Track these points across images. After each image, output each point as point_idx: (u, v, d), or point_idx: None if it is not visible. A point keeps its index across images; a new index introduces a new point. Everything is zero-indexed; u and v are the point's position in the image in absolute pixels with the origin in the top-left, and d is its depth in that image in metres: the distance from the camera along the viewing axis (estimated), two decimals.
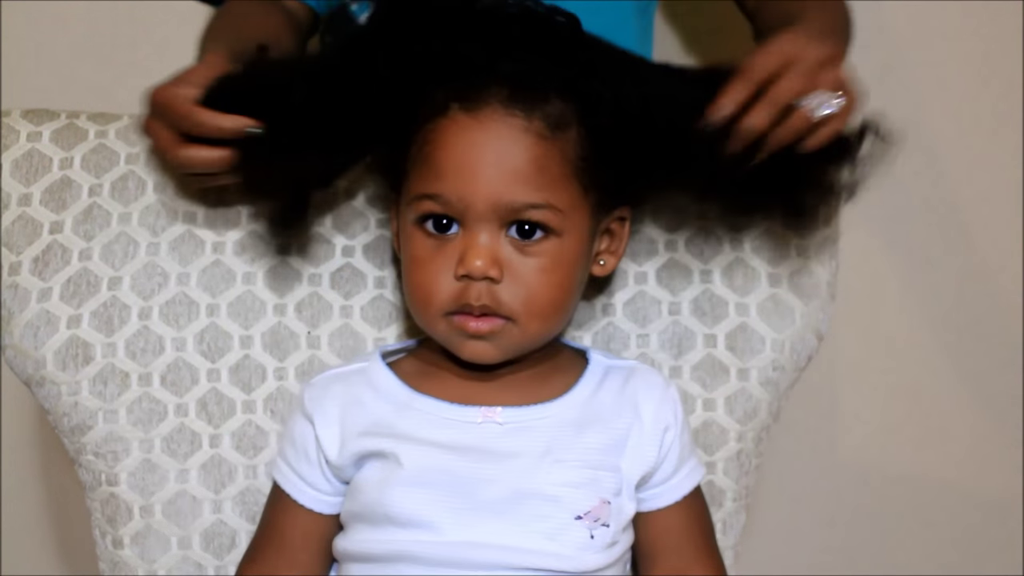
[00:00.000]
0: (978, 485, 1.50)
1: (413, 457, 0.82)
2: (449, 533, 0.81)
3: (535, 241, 0.82)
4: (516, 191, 0.81)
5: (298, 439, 0.87)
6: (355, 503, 0.85)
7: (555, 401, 0.86)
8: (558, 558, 0.81)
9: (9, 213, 0.96)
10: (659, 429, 0.86)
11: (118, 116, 1.01)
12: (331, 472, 0.86)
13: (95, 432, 0.94)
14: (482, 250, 0.81)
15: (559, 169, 0.82)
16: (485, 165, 0.81)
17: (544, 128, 0.81)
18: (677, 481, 0.88)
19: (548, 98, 0.81)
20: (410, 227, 0.85)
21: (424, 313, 0.85)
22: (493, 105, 0.81)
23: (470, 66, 0.82)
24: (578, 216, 0.83)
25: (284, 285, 0.96)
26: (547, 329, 0.86)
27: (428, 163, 0.83)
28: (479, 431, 0.84)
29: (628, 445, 0.85)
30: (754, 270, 0.97)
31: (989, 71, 1.41)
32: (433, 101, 0.83)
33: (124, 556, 0.94)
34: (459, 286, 0.82)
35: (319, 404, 0.87)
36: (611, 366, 0.89)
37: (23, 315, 0.94)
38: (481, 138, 0.81)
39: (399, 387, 0.87)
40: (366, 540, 0.84)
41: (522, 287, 0.82)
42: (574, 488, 0.82)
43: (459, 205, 0.81)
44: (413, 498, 0.81)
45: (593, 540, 0.82)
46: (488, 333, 0.83)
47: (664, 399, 0.87)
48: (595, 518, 0.82)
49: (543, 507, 0.82)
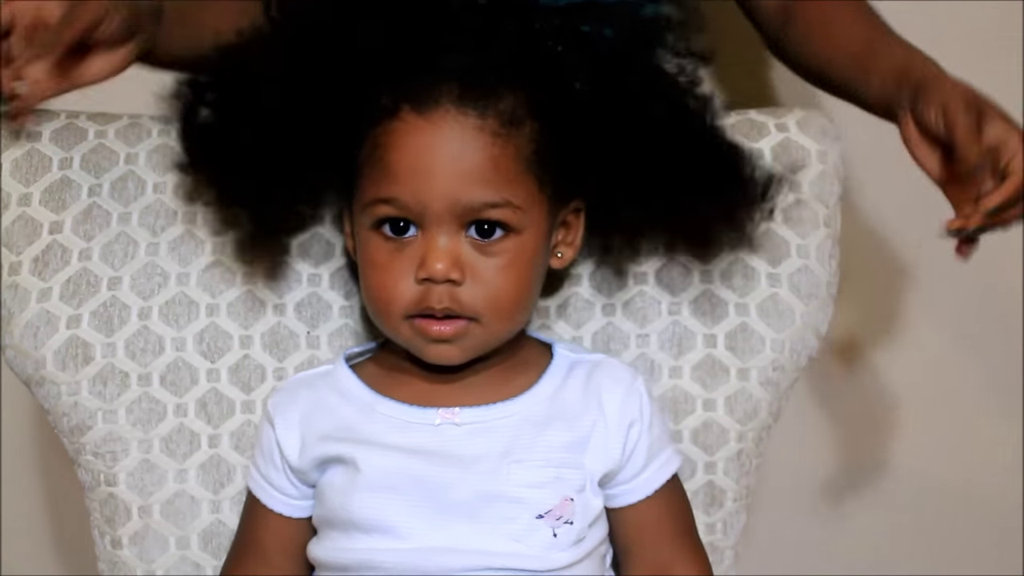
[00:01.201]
0: (978, 485, 1.50)
1: (372, 462, 0.82)
2: (415, 539, 0.81)
3: (495, 240, 0.82)
4: (473, 191, 0.80)
5: (264, 444, 0.88)
6: (322, 508, 0.85)
7: (517, 399, 0.85)
8: (524, 558, 0.81)
9: (9, 213, 0.96)
10: (624, 425, 0.85)
11: (118, 116, 1.01)
12: (295, 477, 0.86)
13: (94, 432, 0.94)
14: (442, 253, 0.80)
15: (515, 165, 0.81)
16: (440, 166, 0.79)
17: (498, 125, 0.80)
18: (648, 475, 0.87)
19: (500, 93, 0.80)
20: (365, 232, 0.84)
21: (385, 318, 0.84)
22: (445, 105, 0.79)
23: (416, 61, 0.80)
24: (536, 211, 0.83)
25: (284, 285, 0.96)
26: (510, 327, 0.85)
27: (381, 167, 0.81)
28: (438, 433, 0.83)
29: (591, 442, 0.84)
30: (754, 270, 0.97)
31: (990, 71, 1.41)
32: (381, 102, 0.81)
33: (123, 556, 0.94)
34: (420, 289, 0.81)
35: (281, 409, 0.87)
36: (577, 360, 0.89)
37: (23, 315, 0.94)
38: (435, 140, 0.79)
39: (362, 390, 0.86)
40: (335, 548, 0.84)
41: (484, 287, 0.82)
42: (536, 488, 0.82)
43: (416, 208, 0.80)
44: (374, 503, 0.81)
45: (557, 538, 0.81)
46: (452, 335, 0.82)
47: (630, 393, 0.86)
48: (557, 516, 0.82)
49: (507, 509, 0.81)
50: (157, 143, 0.98)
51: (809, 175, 0.98)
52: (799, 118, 1.00)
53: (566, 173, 0.84)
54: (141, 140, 0.98)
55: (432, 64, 0.80)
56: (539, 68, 0.82)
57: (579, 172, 0.85)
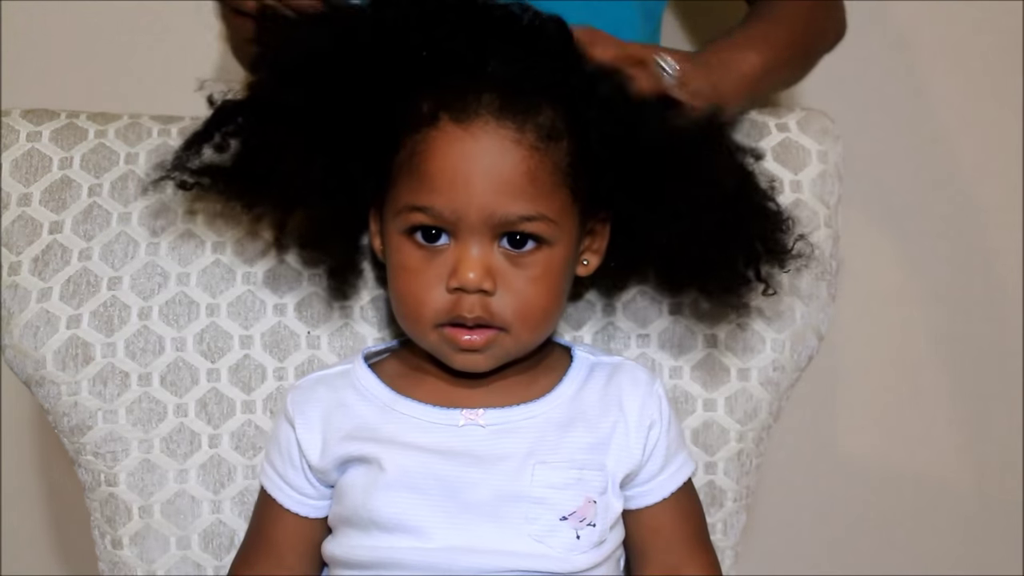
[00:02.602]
0: (978, 485, 1.50)
1: (396, 461, 0.82)
2: (436, 538, 0.81)
3: (527, 252, 0.82)
4: (509, 203, 0.80)
5: (282, 443, 0.87)
6: (342, 507, 0.85)
7: (539, 401, 0.85)
8: (546, 559, 0.81)
9: (9, 213, 0.96)
10: (644, 426, 0.86)
11: (118, 116, 1.01)
12: (314, 476, 0.86)
13: (95, 432, 0.94)
14: (475, 262, 0.80)
15: (551, 179, 0.81)
16: (478, 177, 0.80)
17: (536, 139, 0.80)
18: (665, 477, 0.87)
19: (540, 107, 0.81)
20: (397, 236, 0.84)
21: (414, 324, 0.84)
22: (484, 116, 0.80)
23: (459, 66, 0.81)
24: (568, 223, 0.83)
25: (284, 285, 0.96)
26: (538, 336, 0.86)
27: (418, 174, 0.81)
28: (462, 434, 0.83)
29: (613, 443, 0.85)
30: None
31: (990, 71, 1.41)
32: (421, 110, 0.81)
33: (123, 556, 0.94)
34: (451, 298, 0.82)
35: (301, 408, 0.87)
36: (596, 363, 0.89)
37: (23, 315, 0.94)
38: (473, 150, 0.80)
39: (382, 390, 0.86)
40: (354, 546, 0.84)
41: (514, 297, 0.82)
42: (559, 489, 0.82)
43: (451, 218, 0.80)
44: (397, 502, 0.81)
45: (579, 540, 0.82)
46: (482, 345, 0.83)
47: (649, 395, 0.87)
48: (581, 518, 0.82)
49: (530, 509, 0.81)
50: (157, 143, 0.98)
51: (809, 175, 0.98)
52: (799, 118, 1.00)
53: (598, 186, 0.85)
54: (141, 140, 0.99)
55: (474, 73, 0.81)
56: (579, 83, 0.83)
57: (611, 185, 0.85)
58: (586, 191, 0.84)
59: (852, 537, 1.52)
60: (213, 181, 0.89)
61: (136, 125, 1.00)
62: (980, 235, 1.44)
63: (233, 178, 0.88)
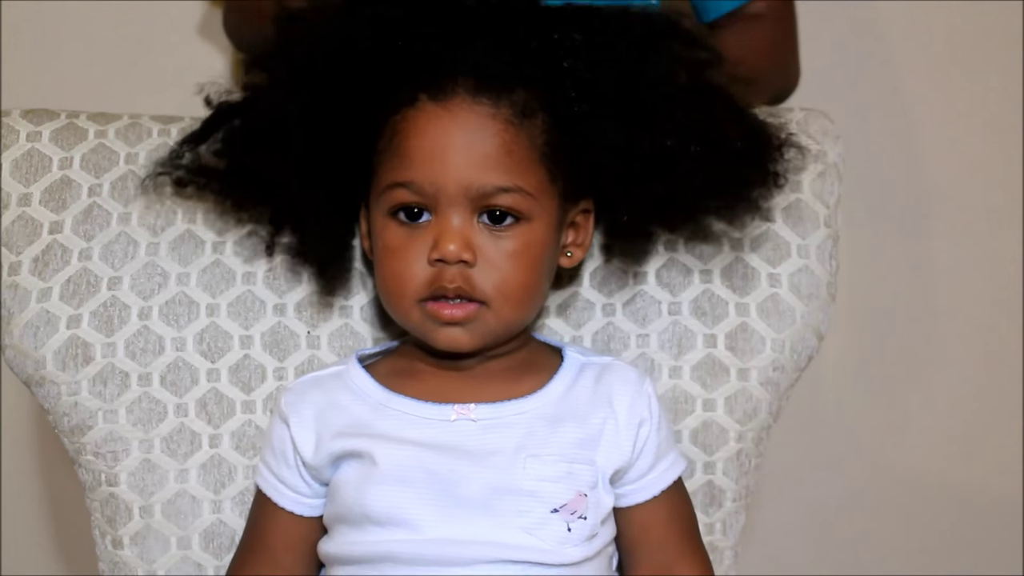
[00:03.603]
0: (978, 485, 1.50)
1: (388, 455, 0.83)
2: (429, 531, 0.82)
3: (506, 226, 0.84)
4: (486, 175, 0.82)
5: (276, 443, 0.88)
6: (335, 504, 0.85)
7: (530, 397, 0.86)
8: (538, 551, 0.82)
9: (9, 213, 0.96)
10: (633, 423, 0.87)
11: (118, 116, 1.01)
12: (309, 474, 0.87)
13: (95, 432, 0.94)
14: (455, 235, 0.83)
15: (527, 154, 0.84)
16: (455, 151, 0.82)
17: (511, 115, 0.83)
18: (656, 476, 0.88)
19: (513, 88, 0.83)
20: (382, 219, 0.86)
21: (398, 301, 0.86)
22: (461, 95, 0.83)
23: (435, 60, 0.83)
24: (546, 201, 0.85)
25: (284, 285, 0.96)
26: (520, 314, 0.87)
27: (398, 152, 0.84)
28: (454, 429, 0.84)
29: (603, 439, 0.85)
30: (754, 270, 0.97)
31: (990, 71, 1.41)
32: (401, 95, 0.84)
33: (124, 556, 0.94)
34: (433, 271, 0.83)
35: (295, 407, 0.88)
36: (586, 362, 0.90)
37: (23, 315, 0.94)
38: (450, 126, 0.83)
39: (375, 388, 0.87)
40: (348, 542, 0.84)
41: (495, 271, 0.84)
42: (551, 482, 0.83)
43: (430, 191, 0.83)
44: (390, 496, 0.82)
45: (571, 533, 0.83)
46: (463, 319, 0.84)
47: (639, 393, 0.88)
48: (572, 511, 0.83)
49: (521, 502, 0.82)
50: (157, 143, 0.98)
51: (809, 175, 0.98)
52: (799, 118, 1.00)
53: (576, 169, 0.86)
54: (141, 140, 0.99)
55: (449, 59, 0.83)
56: (551, 67, 0.85)
57: (589, 169, 0.87)
58: (564, 173, 0.86)
59: (852, 537, 1.52)
60: (208, 180, 0.92)
61: (136, 125, 1.00)
62: (980, 235, 1.44)
63: (226, 178, 0.92)
